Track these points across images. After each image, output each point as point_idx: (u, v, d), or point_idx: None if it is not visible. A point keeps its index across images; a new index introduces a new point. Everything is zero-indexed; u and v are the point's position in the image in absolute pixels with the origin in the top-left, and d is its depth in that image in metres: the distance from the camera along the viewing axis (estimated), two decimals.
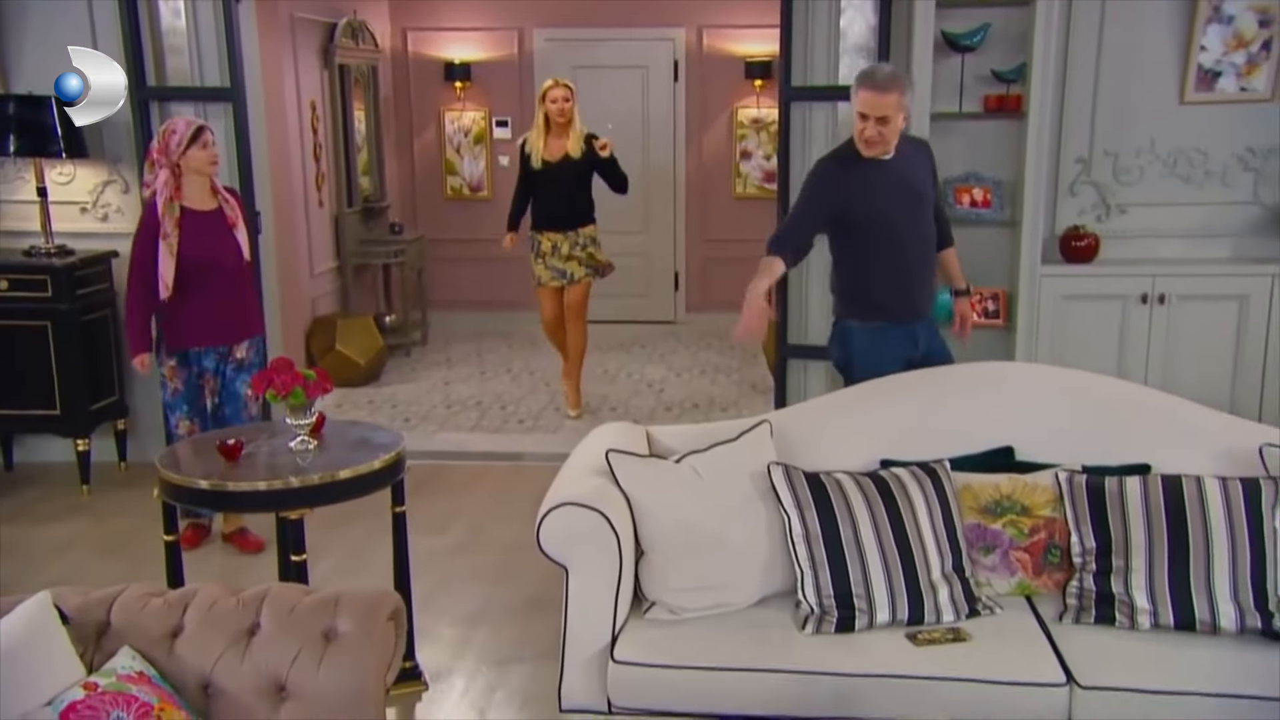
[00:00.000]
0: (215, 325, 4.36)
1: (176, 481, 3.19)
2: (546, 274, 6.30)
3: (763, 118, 8.63)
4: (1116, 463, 3.17)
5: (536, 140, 6.18)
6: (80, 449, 5.17)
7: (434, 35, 8.71)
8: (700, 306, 9.01)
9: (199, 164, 4.22)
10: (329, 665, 2.33)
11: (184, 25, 5.15)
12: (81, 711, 2.05)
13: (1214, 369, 4.95)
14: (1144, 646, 2.81)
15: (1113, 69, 5.08)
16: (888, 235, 3.82)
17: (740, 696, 2.79)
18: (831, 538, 2.95)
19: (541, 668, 3.64)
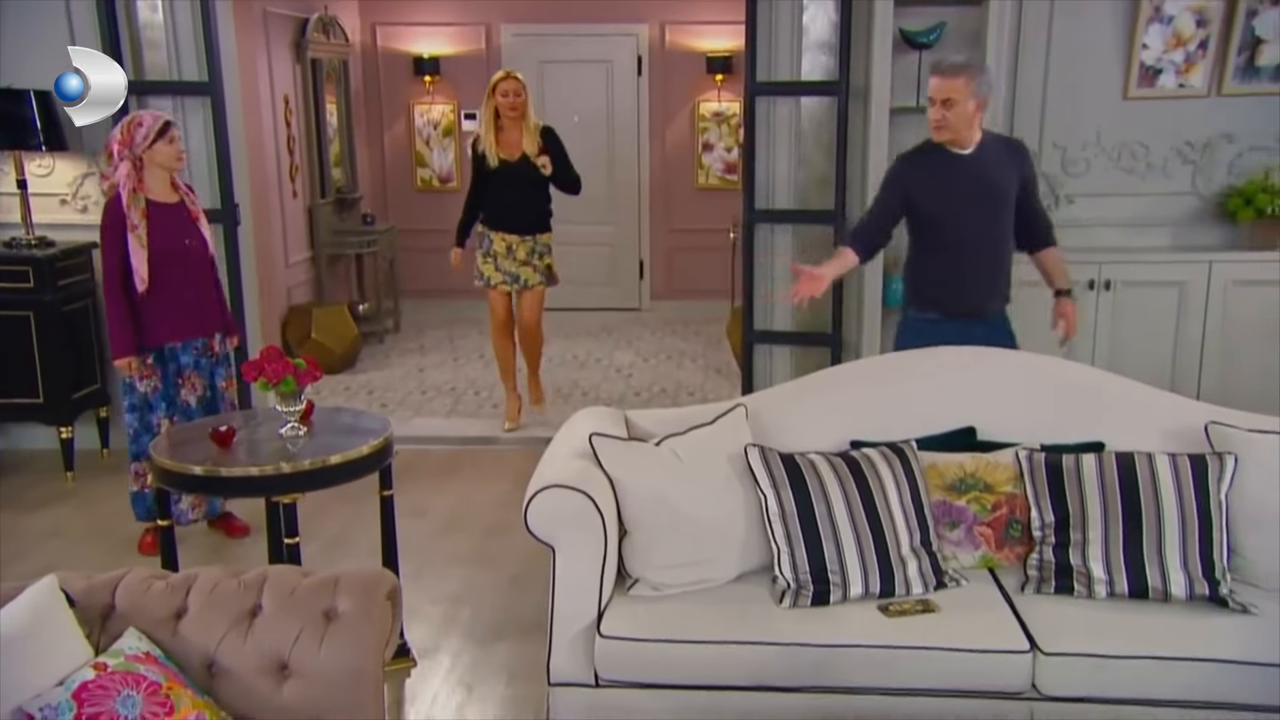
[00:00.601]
0: (190, 319, 4.23)
1: (170, 468, 3.16)
2: (497, 275, 5.72)
3: (724, 111, 8.66)
4: (1072, 441, 3.20)
5: (488, 136, 5.57)
6: (64, 436, 5.10)
7: (403, 30, 8.65)
8: (665, 294, 9.04)
9: (165, 159, 4.09)
10: (330, 644, 2.33)
11: (161, 20, 5.06)
12: (93, 691, 2.04)
13: (1156, 351, 5.06)
14: (1101, 614, 2.86)
15: (1060, 66, 5.15)
16: (950, 229, 3.77)
17: (722, 668, 2.81)
18: (806, 515, 2.97)
19: (525, 644, 3.66)
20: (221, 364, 4.38)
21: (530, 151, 5.52)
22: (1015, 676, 2.73)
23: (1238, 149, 5.20)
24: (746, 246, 5.33)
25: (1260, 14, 5.06)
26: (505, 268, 5.69)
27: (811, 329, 5.35)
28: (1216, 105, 5.18)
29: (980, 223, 3.79)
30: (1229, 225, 5.19)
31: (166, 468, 3.16)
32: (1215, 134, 5.20)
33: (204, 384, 4.31)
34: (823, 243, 5.26)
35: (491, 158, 5.55)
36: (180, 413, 4.26)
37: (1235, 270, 5.04)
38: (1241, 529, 3.00)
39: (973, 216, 3.77)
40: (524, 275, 5.70)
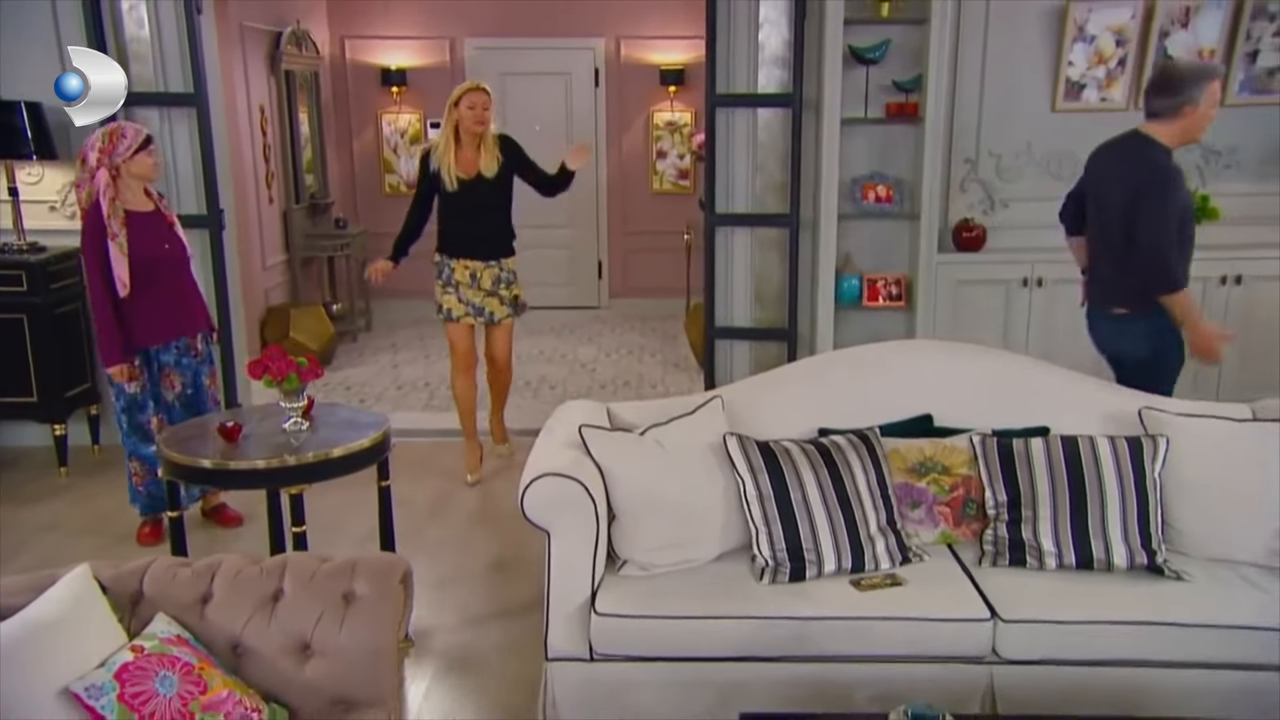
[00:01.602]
0: (172, 320, 4.15)
1: (180, 461, 3.14)
2: (460, 308, 4.88)
3: (676, 120, 8.69)
4: (1020, 426, 3.28)
5: (446, 155, 4.72)
6: (57, 434, 4.99)
7: (371, 43, 8.55)
8: (622, 293, 9.04)
9: (144, 170, 3.99)
10: (350, 625, 2.34)
11: (147, 34, 4.94)
12: (133, 671, 2.04)
13: (1083, 343, 5.13)
14: (1052, 583, 2.93)
15: (995, 81, 5.24)
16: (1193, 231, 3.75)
17: (708, 641, 2.85)
18: (782, 498, 3.01)
19: (515, 623, 3.69)
20: (205, 363, 4.30)
21: (488, 170, 4.76)
22: (977, 642, 2.80)
23: None
24: (708, 248, 5.35)
25: (1171, 35, 5.18)
26: (469, 299, 4.88)
27: (769, 325, 5.39)
28: (1134, 118, 5.05)
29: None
30: None
31: (177, 461, 3.14)
32: None
33: (184, 382, 4.22)
34: (778, 244, 5.33)
35: (450, 180, 4.72)
36: (163, 410, 4.19)
37: None
38: (1173, 504, 3.09)
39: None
40: (490, 308, 4.91)
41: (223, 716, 2.10)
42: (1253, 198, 5.29)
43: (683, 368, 7.11)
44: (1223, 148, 5.29)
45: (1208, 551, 3.05)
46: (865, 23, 5.03)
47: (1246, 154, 5.29)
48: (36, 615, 2.05)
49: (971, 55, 5.19)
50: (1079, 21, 5.15)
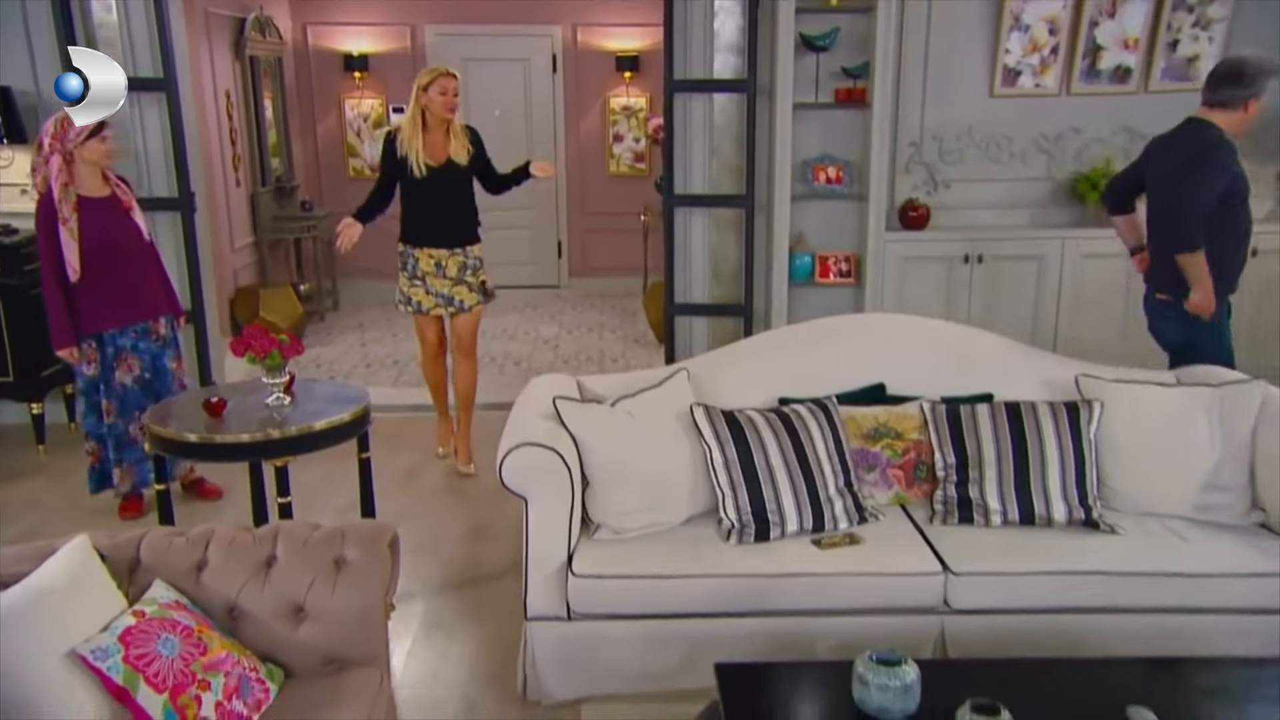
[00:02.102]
0: (127, 305, 4.01)
1: (166, 435, 3.11)
2: (429, 300, 4.60)
3: (632, 105, 8.65)
4: (966, 393, 3.36)
5: (414, 140, 4.43)
6: (35, 412, 4.90)
7: (333, 29, 8.40)
8: (581, 272, 9.03)
9: (96, 156, 3.87)
10: (341, 588, 2.35)
11: (115, 19, 4.83)
12: (136, 634, 2.04)
13: (1019, 315, 5.29)
14: (998, 539, 3.01)
15: (937, 68, 5.30)
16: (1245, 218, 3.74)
17: (680, 598, 2.89)
18: (746, 464, 3.06)
19: (492, 586, 3.70)
20: (169, 346, 4.19)
21: (459, 157, 4.52)
22: (930, 594, 2.88)
23: (1083, 140, 5.42)
24: (667, 228, 5.36)
25: (1100, 25, 5.27)
26: (436, 289, 4.60)
27: (726, 301, 5.43)
28: (1066, 103, 5.39)
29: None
30: (1078, 206, 5.41)
31: (163, 435, 3.11)
32: (1065, 127, 5.41)
33: (142, 366, 4.10)
34: (734, 223, 5.37)
35: (419, 167, 4.43)
36: (115, 394, 4.06)
37: (1083, 245, 5.28)
38: (1107, 464, 3.19)
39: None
40: (458, 296, 4.63)
41: (223, 675, 2.10)
42: None
43: (642, 343, 7.14)
44: (1146, 131, 5.28)
45: (1138, 507, 3.15)
46: (815, 11, 5.05)
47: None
48: (39, 583, 2.03)
49: (915, 43, 5.25)
50: (1015, 11, 5.23)
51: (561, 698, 2.96)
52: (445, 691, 3.07)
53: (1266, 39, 5.24)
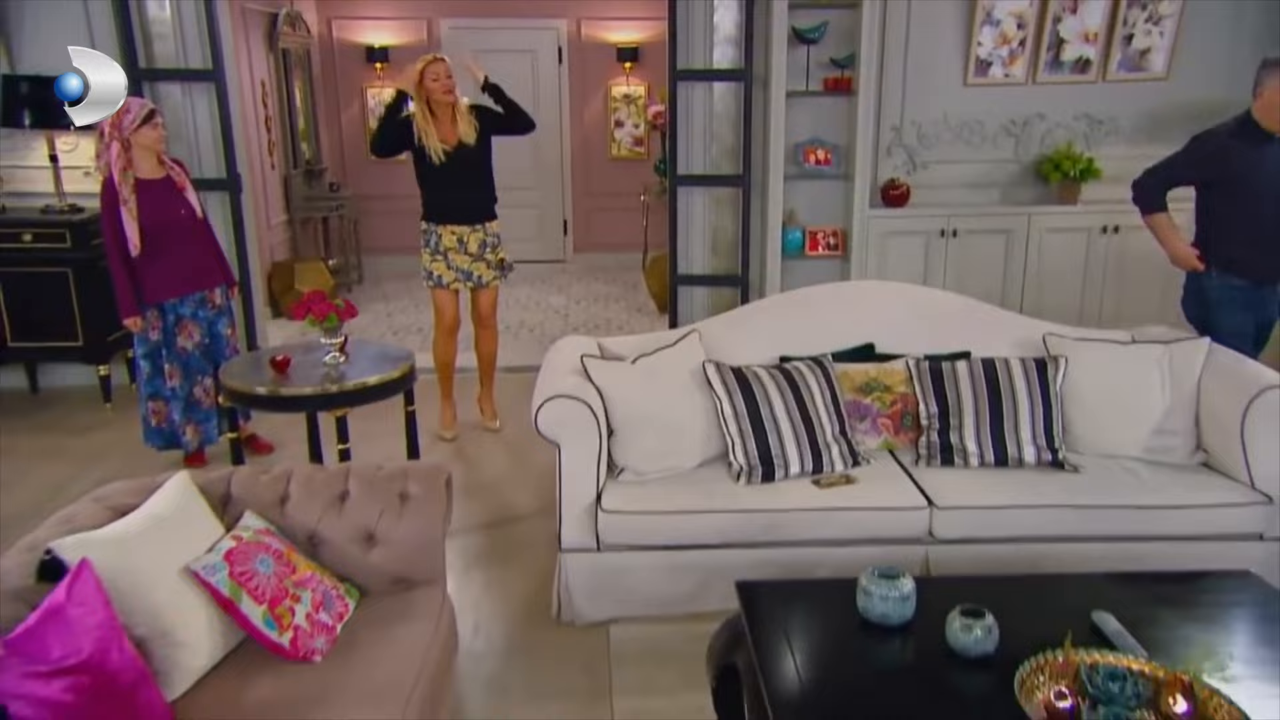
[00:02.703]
0: (184, 276, 4.08)
1: (238, 388, 3.22)
2: (450, 274, 4.56)
3: (631, 94, 8.69)
4: (946, 351, 3.47)
5: (427, 129, 4.36)
6: (102, 374, 5.00)
7: (355, 23, 8.41)
8: (585, 247, 9.09)
9: (149, 141, 3.92)
10: (406, 519, 2.48)
11: (168, 15, 4.87)
12: (237, 555, 2.17)
13: (989, 283, 5.34)
14: (976, 478, 3.15)
15: (916, 59, 5.31)
16: (1254, 206, 3.54)
17: (695, 532, 3.03)
18: (753, 414, 3.18)
19: (523, 526, 3.82)
20: (224, 314, 4.26)
21: (468, 138, 4.45)
22: (917, 526, 3.03)
23: (1048, 126, 5.45)
24: (671, 205, 5.42)
25: (1063, 20, 5.29)
26: (457, 264, 4.57)
27: (724, 272, 5.52)
28: (1032, 91, 5.41)
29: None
30: (1043, 185, 5.46)
31: (236, 389, 3.22)
32: (1031, 114, 5.44)
33: (202, 332, 4.18)
34: (731, 201, 5.45)
35: (436, 154, 4.39)
36: (178, 359, 4.15)
37: (1047, 220, 5.35)
38: (1071, 411, 3.32)
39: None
40: (478, 272, 4.62)
41: (310, 591, 2.24)
42: (1129, 160, 5.39)
43: (644, 312, 7.24)
44: (1104, 117, 5.47)
45: (1097, 449, 3.28)
46: (806, 7, 5.10)
47: (1123, 122, 5.47)
48: (153, 510, 2.16)
49: (896, 37, 5.27)
50: (986, 7, 5.24)
51: (592, 619, 3.11)
52: (489, 615, 3.21)
53: (1212, 34, 5.33)
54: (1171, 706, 1.74)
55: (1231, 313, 3.62)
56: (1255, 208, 3.49)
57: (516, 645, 3.05)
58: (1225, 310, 3.62)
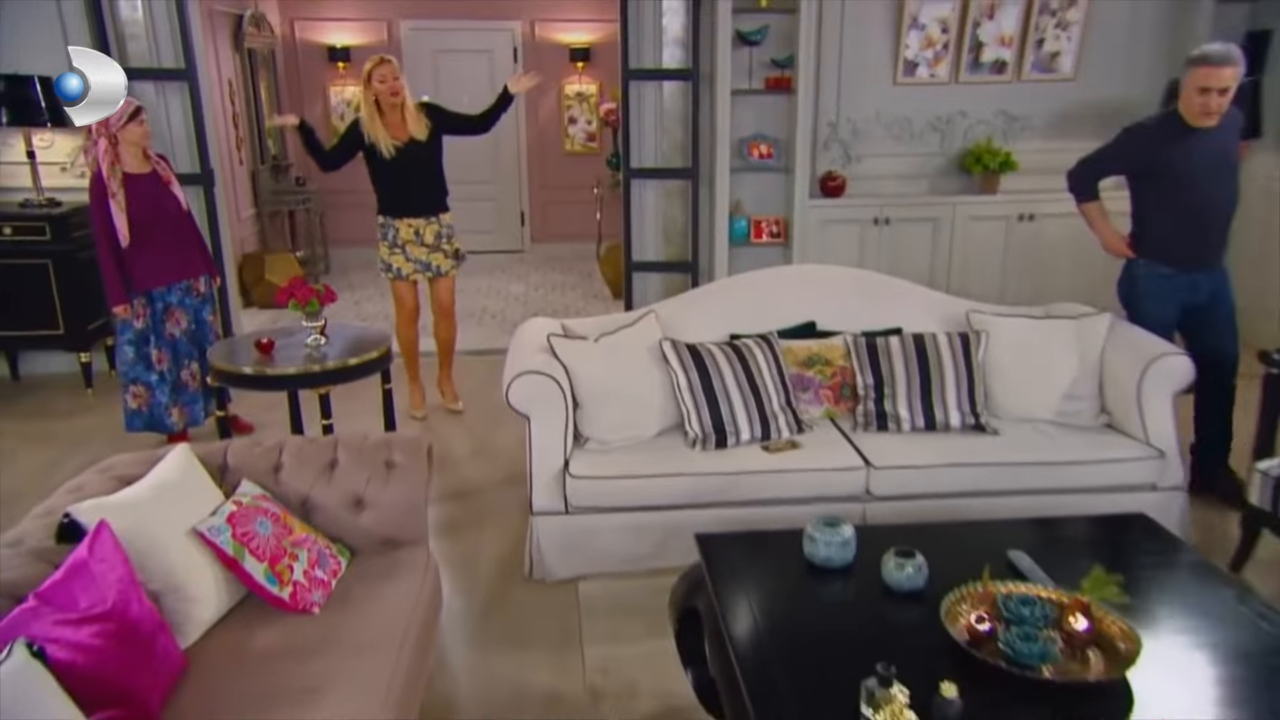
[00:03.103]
0: (171, 266, 4.11)
1: (226, 369, 3.27)
2: (409, 266, 4.58)
3: (584, 92, 8.76)
4: (880, 328, 3.62)
5: (374, 126, 4.36)
6: (83, 360, 4.97)
7: (317, 24, 8.36)
8: (541, 238, 9.15)
9: (135, 137, 3.93)
10: (391, 485, 2.57)
11: (140, 16, 4.83)
12: (239, 518, 2.25)
13: (919, 266, 5.47)
14: (907, 441, 3.32)
15: (850, 60, 5.42)
16: (1179, 195, 3.45)
17: (656, 494, 3.15)
18: (707, 387, 3.31)
19: (494, 494, 3.91)
20: (207, 302, 4.28)
21: (416, 133, 4.43)
22: (855, 484, 3.19)
23: (969, 122, 5.61)
24: (625, 197, 5.50)
25: (982, 25, 5.43)
26: (415, 256, 4.59)
27: (675, 259, 5.63)
28: (955, 90, 5.56)
29: (1216, 189, 3.46)
30: (966, 177, 5.63)
31: (224, 369, 3.27)
32: (954, 111, 5.59)
33: (188, 319, 4.21)
34: (681, 193, 5.56)
35: (386, 150, 4.38)
36: (166, 344, 4.17)
37: (970, 209, 5.52)
38: (991, 380, 3.49)
39: (1207, 184, 3.44)
40: (435, 262, 4.62)
41: (306, 550, 2.33)
42: (1042, 153, 5.65)
43: (600, 298, 7.33)
44: (1019, 114, 5.65)
45: (1014, 413, 3.46)
46: (748, 11, 5.20)
47: (1037, 119, 5.65)
48: (159, 479, 2.23)
49: (831, 39, 5.37)
50: (912, 12, 5.37)
51: (562, 576, 3.22)
52: (466, 576, 3.30)
53: (1113, 39, 5.53)
54: (1073, 625, 1.92)
55: (1155, 301, 3.59)
56: (1179, 197, 3.45)
57: (493, 602, 3.15)
58: (1149, 299, 3.60)
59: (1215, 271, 3.58)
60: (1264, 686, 1.88)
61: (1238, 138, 3.48)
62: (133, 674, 1.78)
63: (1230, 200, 3.51)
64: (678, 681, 2.59)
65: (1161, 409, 3.26)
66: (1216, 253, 3.57)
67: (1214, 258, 3.57)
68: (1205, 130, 3.35)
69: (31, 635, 1.62)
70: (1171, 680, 1.89)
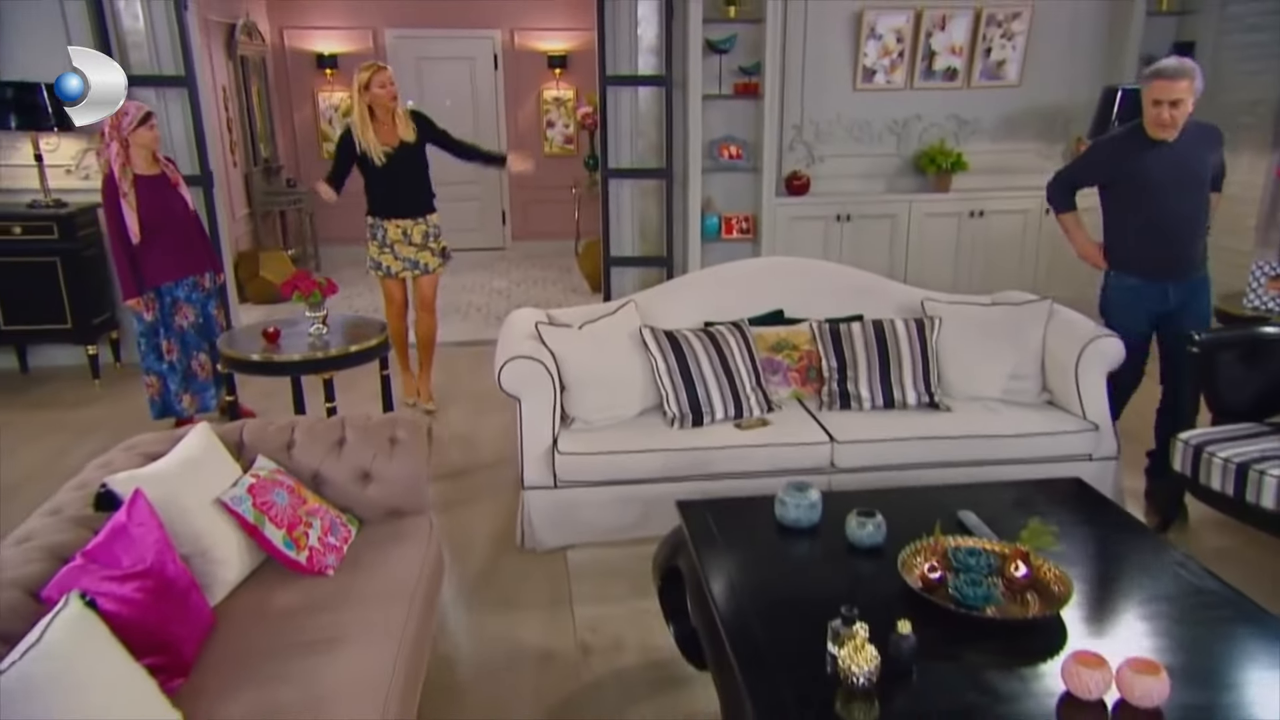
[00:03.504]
0: (179, 262, 4.13)
1: (235, 356, 3.35)
2: (397, 264, 4.59)
3: (562, 97, 8.83)
4: (843, 315, 3.75)
5: (365, 132, 4.33)
6: (90, 353, 5.01)
7: (306, 32, 8.36)
8: (522, 236, 9.21)
9: (146, 141, 3.96)
10: (395, 460, 2.66)
11: (141, 26, 4.89)
12: (258, 489, 2.34)
13: (878, 259, 5.63)
14: (868, 418, 3.46)
15: (813, 67, 5.58)
16: (1141, 207, 3.36)
17: (637, 469, 3.27)
18: (684, 370, 3.42)
19: (485, 473, 4.01)
20: (212, 296, 4.32)
21: (408, 137, 4.42)
22: (821, 458, 3.32)
23: (924, 125, 5.80)
24: (603, 196, 5.63)
25: (934, 35, 5.64)
26: (404, 255, 4.59)
27: (651, 254, 5.75)
28: (910, 95, 5.74)
29: (1179, 201, 3.34)
30: (921, 176, 5.81)
31: (233, 357, 3.35)
32: (910, 115, 5.77)
33: (196, 312, 4.25)
34: (656, 192, 5.69)
35: (377, 156, 4.35)
36: (176, 336, 4.20)
37: (925, 206, 5.70)
38: (944, 362, 3.62)
39: (1169, 197, 3.33)
40: (423, 260, 4.62)
41: (319, 519, 2.42)
42: (991, 154, 5.87)
43: (579, 292, 7.42)
44: (970, 118, 5.84)
45: (965, 392, 3.60)
46: (718, 21, 5.33)
47: (986, 122, 5.85)
48: (183, 455, 2.32)
49: (795, 47, 5.52)
50: (870, 23, 5.56)
51: (551, 546, 3.34)
52: (462, 546, 3.40)
53: (1054, 49, 5.72)
54: (1013, 572, 2.07)
55: (1124, 310, 3.53)
56: (1142, 208, 3.38)
57: (487, 570, 3.26)
58: (1119, 308, 3.56)
59: (1186, 282, 3.44)
60: (1180, 622, 2.04)
61: (1210, 152, 3.34)
62: (170, 626, 1.87)
63: (1196, 213, 3.37)
64: (661, 636, 2.72)
65: (1096, 386, 3.44)
66: (1185, 264, 3.42)
67: (1182, 269, 3.42)
68: (1167, 143, 3.26)
69: (83, 589, 1.72)
70: (1099, 617, 2.05)
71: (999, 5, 5.59)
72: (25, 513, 2.95)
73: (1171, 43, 5.75)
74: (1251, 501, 2.98)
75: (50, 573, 1.85)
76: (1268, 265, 4.24)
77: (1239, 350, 3.42)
